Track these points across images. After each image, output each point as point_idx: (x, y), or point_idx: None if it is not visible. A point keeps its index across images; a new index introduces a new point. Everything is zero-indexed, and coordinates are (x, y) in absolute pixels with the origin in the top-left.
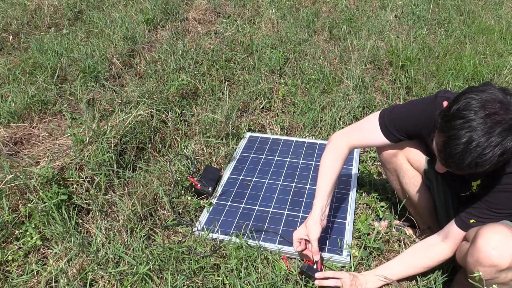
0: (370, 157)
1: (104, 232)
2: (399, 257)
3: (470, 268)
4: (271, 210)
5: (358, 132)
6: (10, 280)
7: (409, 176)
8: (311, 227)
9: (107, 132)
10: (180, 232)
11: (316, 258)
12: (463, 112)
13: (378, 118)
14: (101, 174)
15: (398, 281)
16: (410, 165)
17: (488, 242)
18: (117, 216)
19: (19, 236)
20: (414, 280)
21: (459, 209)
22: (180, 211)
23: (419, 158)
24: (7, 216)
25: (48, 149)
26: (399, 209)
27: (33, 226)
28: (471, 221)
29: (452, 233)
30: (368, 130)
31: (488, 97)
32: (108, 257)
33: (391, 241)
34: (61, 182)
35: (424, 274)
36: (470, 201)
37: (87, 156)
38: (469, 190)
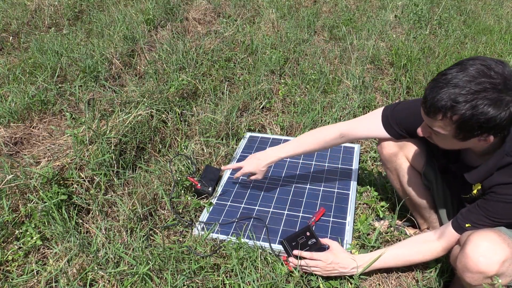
0: (370, 157)
1: (104, 232)
2: (391, 248)
3: (459, 273)
4: (271, 210)
5: (356, 122)
6: (10, 280)
7: (409, 175)
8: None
9: (107, 132)
10: (180, 232)
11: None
12: (462, 61)
13: (382, 111)
14: (101, 174)
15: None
16: (410, 165)
17: (476, 248)
18: (117, 216)
19: (19, 236)
20: (414, 280)
21: (459, 210)
22: (180, 211)
23: (419, 158)
24: (7, 216)
25: (48, 149)
26: (397, 208)
27: (33, 226)
28: (467, 225)
29: (447, 234)
30: (368, 121)
31: (493, 64)
32: (108, 257)
33: (391, 241)
34: (61, 182)
35: (424, 273)
36: (470, 205)
37: (87, 156)
38: (469, 193)
